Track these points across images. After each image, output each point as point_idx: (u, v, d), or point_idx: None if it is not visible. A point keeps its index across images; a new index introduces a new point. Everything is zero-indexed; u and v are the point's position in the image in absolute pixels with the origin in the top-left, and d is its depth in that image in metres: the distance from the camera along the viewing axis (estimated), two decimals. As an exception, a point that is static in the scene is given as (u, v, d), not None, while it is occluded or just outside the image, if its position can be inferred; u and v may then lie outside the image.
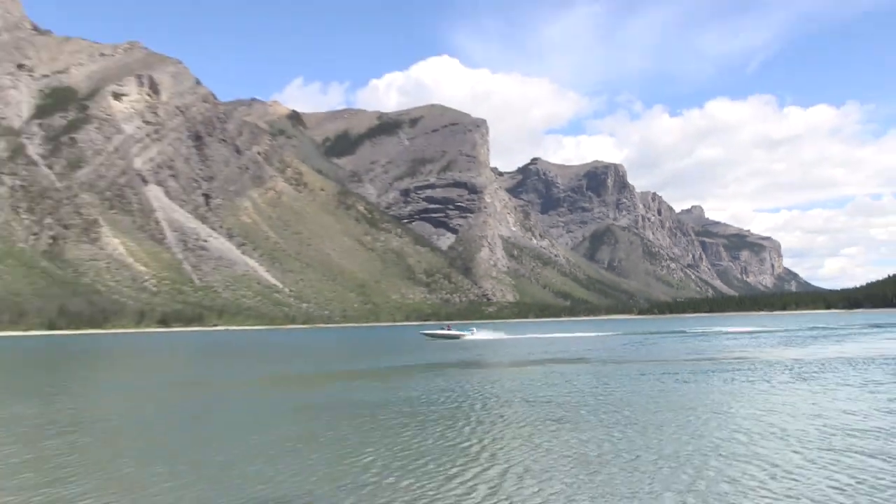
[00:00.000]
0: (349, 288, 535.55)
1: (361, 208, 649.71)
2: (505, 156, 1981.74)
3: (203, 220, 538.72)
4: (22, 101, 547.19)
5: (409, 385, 44.72)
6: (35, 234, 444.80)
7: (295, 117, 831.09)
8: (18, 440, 27.00)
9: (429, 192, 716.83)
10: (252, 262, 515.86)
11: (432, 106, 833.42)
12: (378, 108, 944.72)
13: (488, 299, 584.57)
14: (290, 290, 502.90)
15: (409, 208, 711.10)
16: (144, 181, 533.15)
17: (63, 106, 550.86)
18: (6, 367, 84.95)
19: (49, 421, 31.71)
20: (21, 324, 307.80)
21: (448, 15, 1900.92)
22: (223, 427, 29.56)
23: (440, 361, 69.01)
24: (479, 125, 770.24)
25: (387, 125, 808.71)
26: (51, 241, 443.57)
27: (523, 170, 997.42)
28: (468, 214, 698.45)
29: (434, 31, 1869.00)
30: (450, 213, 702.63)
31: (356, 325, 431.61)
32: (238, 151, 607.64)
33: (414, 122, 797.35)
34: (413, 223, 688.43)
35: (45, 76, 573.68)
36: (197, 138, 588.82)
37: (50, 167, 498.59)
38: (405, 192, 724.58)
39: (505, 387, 42.38)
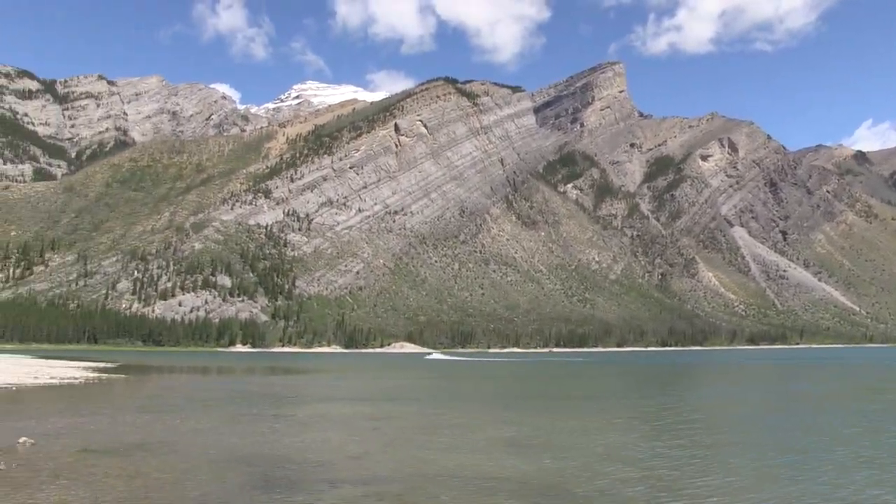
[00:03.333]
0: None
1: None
2: None
3: (782, 253, 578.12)
4: (635, 171, 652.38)
5: None
6: (649, 271, 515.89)
7: (860, 156, 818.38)
8: (651, 425, 34.11)
9: None
10: (828, 288, 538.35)
11: None
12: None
13: None
14: (867, 312, 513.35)
15: None
16: (730, 224, 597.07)
17: (664, 171, 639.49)
18: (632, 376, 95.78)
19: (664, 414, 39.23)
20: (642, 341, 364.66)
21: None
22: (830, 432, 31.13)
23: None
24: None
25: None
26: (660, 276, 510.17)
27: None
28: None
29: None
30: None
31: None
32: (809, 192, 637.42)
33: None
34: None
35: (650, 149, 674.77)
36: (771, 184, 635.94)
37: (657, 219, 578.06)
38: None
39: None
